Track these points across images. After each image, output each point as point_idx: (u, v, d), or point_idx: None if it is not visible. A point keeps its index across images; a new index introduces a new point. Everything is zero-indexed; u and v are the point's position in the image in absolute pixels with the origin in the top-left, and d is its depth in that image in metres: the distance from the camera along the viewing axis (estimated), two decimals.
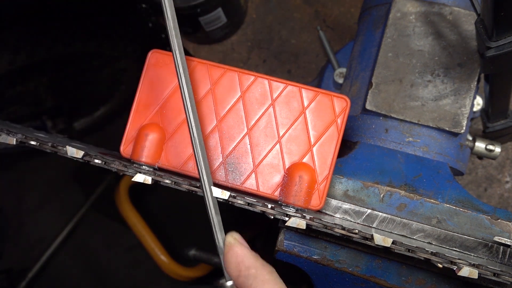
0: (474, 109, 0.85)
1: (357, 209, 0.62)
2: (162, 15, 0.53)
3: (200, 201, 0.52)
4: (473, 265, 0.50)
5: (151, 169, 0.59)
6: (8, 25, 1.11)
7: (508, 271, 0.51)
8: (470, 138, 0.81)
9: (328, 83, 1.05)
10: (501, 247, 0.59)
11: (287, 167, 0.59)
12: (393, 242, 0.51)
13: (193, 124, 0.52)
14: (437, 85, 0.70)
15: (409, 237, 0.61)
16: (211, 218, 0.50)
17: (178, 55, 0.53)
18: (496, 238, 0.58)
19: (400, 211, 0.62)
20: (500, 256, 0.59)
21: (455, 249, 0.60)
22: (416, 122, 0.69)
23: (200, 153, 0.52)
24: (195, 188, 0.55)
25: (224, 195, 0.53)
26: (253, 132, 0.60)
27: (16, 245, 1.58)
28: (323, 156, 0.59)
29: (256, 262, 0.46)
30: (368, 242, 0.52)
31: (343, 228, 0.52)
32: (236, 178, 0.60)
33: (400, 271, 0.61)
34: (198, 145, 0.52)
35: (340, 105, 0.59)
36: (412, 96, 0.70)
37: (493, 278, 0.50)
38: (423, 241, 0.60)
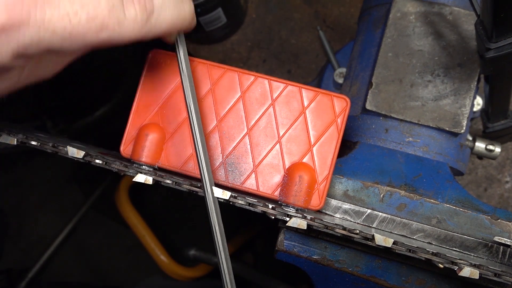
0: (474, 109, 0.85)
1: (357, 209, 0.62)
2: None
3: (200, 201, 0.52)
4: (474, 265, 0.50)
5: (151, 169, 0.59)
6: None
7: (508, 271, 0.51)
8: (470, 138, 0.81)
9: (328, 83, 1.05)
10: (501, 247, 0.59)
11: (287, 167, 0.59)
12: (394, 243, 0.51)
13: (195, 124, 0.52)
14: (437, 85, 0.70)
15: (409, 237, 0.61)
16: (211, 219, 0.50)
17: (182, 54, 0.53)
18: (496, 238, 0.58)
19: (400, 211, 0.62)
20: (500, 256, 0.59)
21: (455, 249, 0.60)
22: (416, 122, 0.69)
23: (202, 154, 0.52)
24: (196, 188, 0.55)
25: (225, 195, 0.53)
26: (253, 132, 0.60)
27: (16, 245, 1.58)
28: (323, 156, 0.59)
29: None
30: (369, 243, 0.52)
31: (344, 228, 0.52)
32: (236, 178, 0.60)
33: (400, 271, 0.61)
34: (200, 146, 0.52)
35: (340, 105, 0.59)
36: (412, 96, 0.70)
37: (494, 278, 0.50)
38: (423, 241, 0.60)
